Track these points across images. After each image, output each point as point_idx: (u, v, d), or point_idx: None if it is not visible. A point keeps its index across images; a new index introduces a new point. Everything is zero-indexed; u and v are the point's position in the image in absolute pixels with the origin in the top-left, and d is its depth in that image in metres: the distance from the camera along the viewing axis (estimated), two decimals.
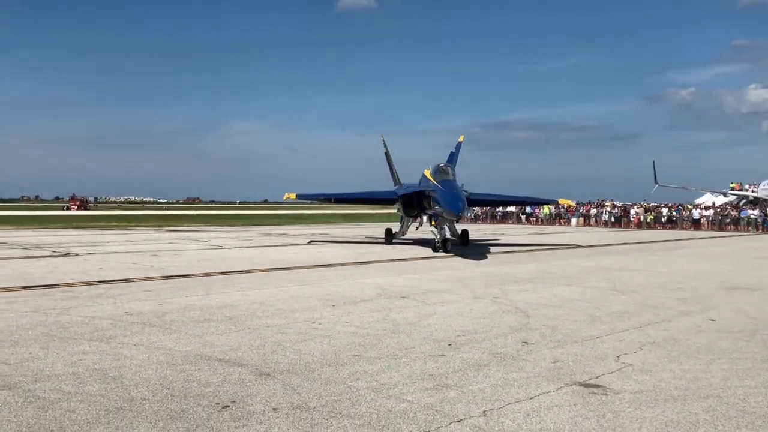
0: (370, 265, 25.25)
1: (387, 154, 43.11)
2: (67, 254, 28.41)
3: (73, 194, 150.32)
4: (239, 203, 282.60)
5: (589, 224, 71.52)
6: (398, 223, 40.34)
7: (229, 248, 33.19)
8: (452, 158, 38.40)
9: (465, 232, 37.46)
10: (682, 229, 63.80)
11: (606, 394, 8.21)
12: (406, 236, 39.60)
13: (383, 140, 43.14)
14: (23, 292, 16.63)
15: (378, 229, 39.15)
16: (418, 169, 37.85)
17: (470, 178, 41.10)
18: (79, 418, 7.09)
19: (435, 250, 30.98)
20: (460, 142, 40.08)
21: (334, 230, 52.86)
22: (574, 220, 72.32)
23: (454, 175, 32.70)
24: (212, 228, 56.57)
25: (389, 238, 38.35)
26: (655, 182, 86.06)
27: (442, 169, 32.37)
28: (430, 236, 33.21)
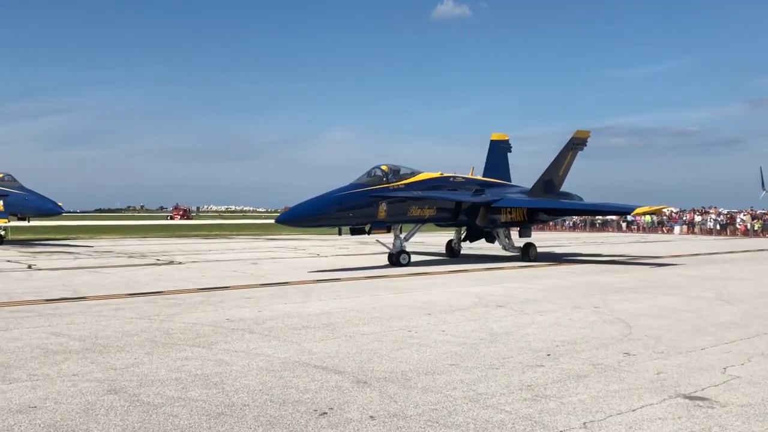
0: (464, 273, 25.12)
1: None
2: (171, 262, 29.28)
3: (177, 204, 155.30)
4: None
5: (693, 232, 69.46)
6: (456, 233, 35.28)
7: (326, 256, 33.56)
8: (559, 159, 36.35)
9: (527, 246, 32.10)
10: None
11: (712, 407, 7.92)
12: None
13: (506, 139, 37.78)
14: (129, 299, 17.19)
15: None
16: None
17: (567, 185, 38.01)
18: (181, 422, 7.26)
19: (390, 262, 28.15)
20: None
21: (427, 238, 52.83)
22: (677, 228, 70.36)
23: (368, 177, 27.76)
24: (309, 236, 57.31)
25: (450, 251, 34.39)
26: (763, 188, 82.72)
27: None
28: (493, 248, 32.63)
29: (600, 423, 7.33)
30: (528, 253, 31.67)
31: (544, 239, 54.14)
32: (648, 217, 72.09)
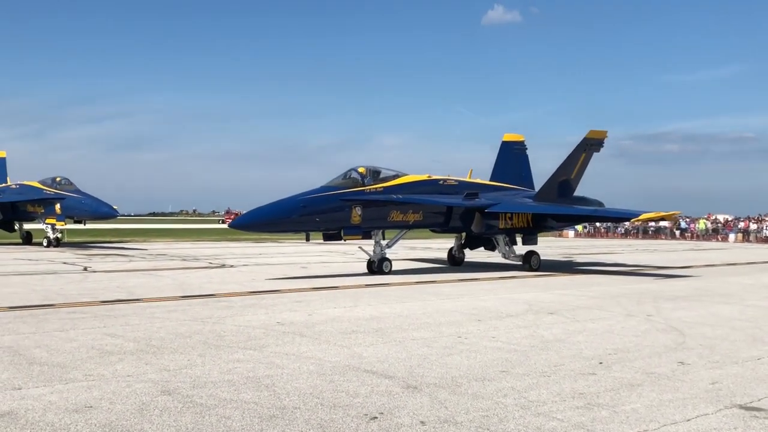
0: (515, 279, 24.96)
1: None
2: (223, 266, 29.60)
3: (228, 208, 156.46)
4: None
5: (748, 240, 68.10)
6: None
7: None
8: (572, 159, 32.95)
9: (529, 254, 29.52)
10: None
11: None
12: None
13: (522, 141, 35.20)
14: (182, 301, 17.42)
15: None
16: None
17: (619, 191, 36.90)
18: (234, 424, 7.33)
19: (369, 270, 26.95)
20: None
21: (434, 244, 52.60)
22: (732, 236, 69.06)
23: (342, 179, 26.22)
24: (359, 241, 57.30)
25: (451, 259, 32.58)
26: None
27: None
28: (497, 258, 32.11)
29: None
30: (529, 262, 29.17)
31: (596, 246, 53.68)
32: (702, 225, 71.00)
